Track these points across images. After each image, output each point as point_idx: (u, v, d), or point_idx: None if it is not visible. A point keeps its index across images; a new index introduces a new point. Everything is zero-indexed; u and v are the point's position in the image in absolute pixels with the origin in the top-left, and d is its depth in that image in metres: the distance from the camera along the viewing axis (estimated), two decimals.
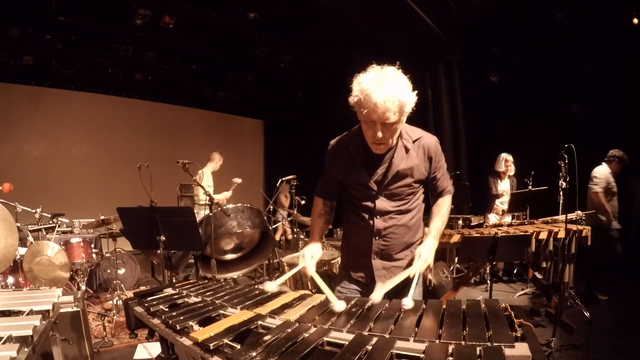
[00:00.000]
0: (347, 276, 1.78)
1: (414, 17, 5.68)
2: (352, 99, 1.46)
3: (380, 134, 1.45)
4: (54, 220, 4.12)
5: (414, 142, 1.62)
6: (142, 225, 2.62)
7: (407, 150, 1.60)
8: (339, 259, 3.33)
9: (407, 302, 1.23)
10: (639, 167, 5.00)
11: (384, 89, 1.37)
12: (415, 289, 1.41)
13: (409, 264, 1.70)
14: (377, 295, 1.31)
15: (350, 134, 1.68)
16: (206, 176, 5.36)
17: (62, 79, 7.47)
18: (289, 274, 1.72)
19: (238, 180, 4.99)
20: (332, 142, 1.74)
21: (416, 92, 1.47)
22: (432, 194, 1.78)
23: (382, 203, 1.63)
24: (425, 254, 1.53)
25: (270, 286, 1.47)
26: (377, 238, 1.66)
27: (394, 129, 1.48)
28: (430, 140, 1.66)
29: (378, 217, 1.64)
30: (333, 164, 1.72)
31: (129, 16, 5.57)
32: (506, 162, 4.98)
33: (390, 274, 1.68)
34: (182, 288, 1.68)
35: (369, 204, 1.64)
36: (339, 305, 1.28)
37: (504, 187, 5.09)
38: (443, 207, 1.73)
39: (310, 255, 1.63)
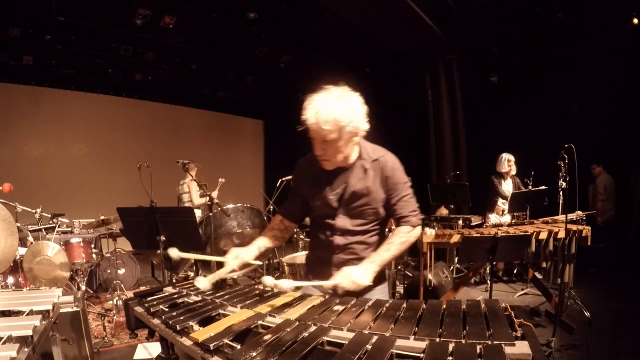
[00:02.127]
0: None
1: (414, 17, 5.68)
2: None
3: (320, 150, 1.51)
4: (54, 220, 4.12)
5: (373, 161, 1.60)
6: (142, 225, 2.62)
7: (365, 170, 1.59)
8: None
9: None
10: (638, 167, 5.00)
11: (319, 108, 1.42)
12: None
13: None
14: (269, 280, 1.42)
15: None
16: (193, 185, 5.44)
17: (62, 79, 7.47)
18: (221, 272, 1.60)
19: (222, 180, 5.37)
20: (300, 160, 1.77)
21: (365, 109, 1.49)
22: (394, 222, 1.70)
23: (342, 221, 1.63)
24: (355, 275, 1.42)
25: (203, 282, 1.47)
26: (337, 252, 1.66)
27: (335, 147, 1.49)
28: (388, 159, 1.61)
29: (338, 234, 1.64)
30: (299, 181, 1.75)
31: (129, 16, 5.58)
32: (508, 162, 4.97)
33: None
34: (182, 287, 1.68)
35: (330, 221, 1.64)
36: (202, 283, 1.47)
37: (507, 187, 5.08)
38: (395, 236, 1.59)
39: (235, 255, 1.61)
